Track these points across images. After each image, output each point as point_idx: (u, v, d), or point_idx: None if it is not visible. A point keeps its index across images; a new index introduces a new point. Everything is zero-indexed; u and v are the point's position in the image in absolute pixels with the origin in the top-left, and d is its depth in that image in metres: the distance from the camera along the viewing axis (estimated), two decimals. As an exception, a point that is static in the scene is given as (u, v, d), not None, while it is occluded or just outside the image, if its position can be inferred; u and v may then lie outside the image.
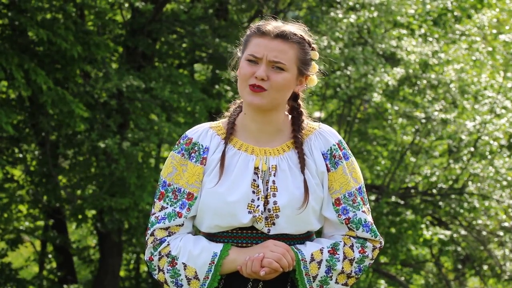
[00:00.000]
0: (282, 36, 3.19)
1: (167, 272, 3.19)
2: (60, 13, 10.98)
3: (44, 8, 10.74)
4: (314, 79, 3.31)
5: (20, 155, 12.80)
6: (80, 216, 12.92)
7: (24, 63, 10.07)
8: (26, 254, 17.29)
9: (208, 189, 3.19)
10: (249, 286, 3.19)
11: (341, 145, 3.29)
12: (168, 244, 3.19)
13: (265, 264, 3.12)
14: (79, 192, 12.60)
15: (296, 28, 3.24)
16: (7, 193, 12.69)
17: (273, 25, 3.22)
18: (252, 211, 3.15)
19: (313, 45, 3.28)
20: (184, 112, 12.38)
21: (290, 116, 3.30)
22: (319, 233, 3.36)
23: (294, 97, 3.30)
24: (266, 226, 3.18)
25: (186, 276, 3.17)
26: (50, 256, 15.14)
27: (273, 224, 3.18)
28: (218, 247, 3.18)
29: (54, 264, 15.12)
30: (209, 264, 3.15)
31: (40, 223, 14.40)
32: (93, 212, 13.80)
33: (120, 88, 11.18)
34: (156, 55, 13.06)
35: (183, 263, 3.17)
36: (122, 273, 15.33)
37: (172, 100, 11.38)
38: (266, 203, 3.18)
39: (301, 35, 3.23)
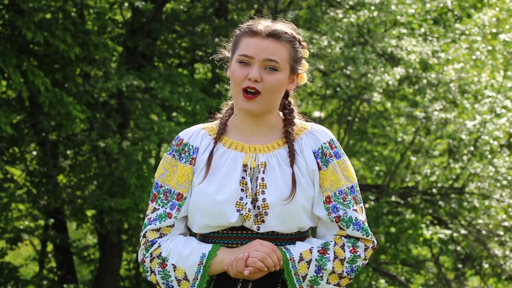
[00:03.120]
0: (273, 35, 3.16)
1: (158, 274, 3.18)
2: (59, 13, 10.95)
3: (43, 8, 10.71)
4: (304, 77, 3.29)
5: (20, 155, 12.80)
6: (80, 216, 12.90)
7: (22, 64, 10.05)
8: (25, 254, 17.28)
9: (196, 188, 3.18)
10: (239, 286, 3.17)
11: (333, 144, 3.24)
12: (159, 246, 3.19)
13: (249, 264, 3.09)
14: (79, 192, 12.59)
15: (286, 27, 3.21)
16: (6, 193, 12.68)
17: (263, 24, 3.19)
18: (240, 209, 3.14)
19: (303, 43, 3.26)
20: (185, 112, 12.38)
21: (281, 113, 3.28)
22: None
23: (285, 94, 3.28)
24: (255, 224, 3.15)
25: (176, 278, 3.16)
26: (50, 255, 15.12)
27: (263, 221, 3.15)
28: (207, 247, 3.16)
29: (54, 264, 15.11)
30: (198, 265, 3.14)
31: (40, 222, 14.40)
32: (93, 211, 13.80)
33: (120, 87, 11.18)
34: (156, 55, 13.06)
35: (173, 264, 3.16)
36: (122, 273, 15.32)
37: (172, 100, 11.37)
38: (255, 200, 3.15)
39: (292, 34, 3.20)
